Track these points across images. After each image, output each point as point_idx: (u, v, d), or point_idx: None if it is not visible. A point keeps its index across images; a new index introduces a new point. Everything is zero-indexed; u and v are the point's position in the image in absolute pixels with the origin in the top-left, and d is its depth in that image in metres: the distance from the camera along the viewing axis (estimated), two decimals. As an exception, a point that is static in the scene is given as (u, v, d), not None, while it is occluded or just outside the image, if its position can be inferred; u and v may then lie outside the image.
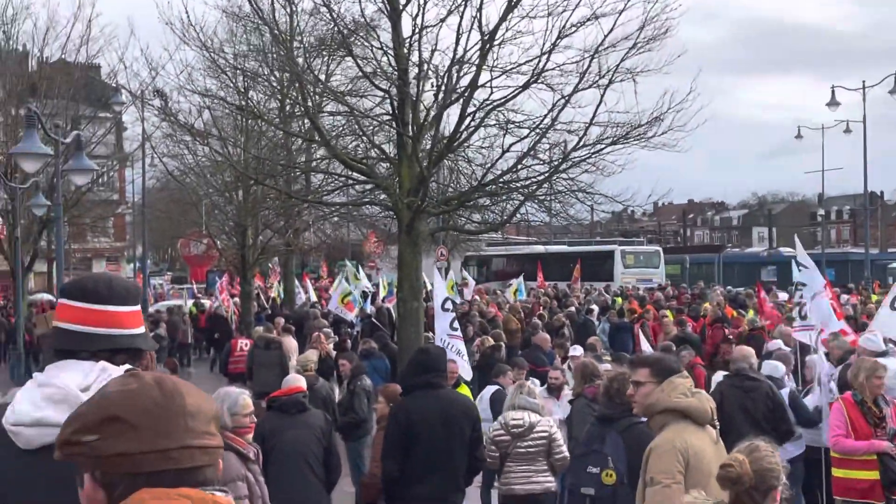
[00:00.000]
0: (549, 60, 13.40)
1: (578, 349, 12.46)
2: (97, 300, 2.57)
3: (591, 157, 13.94)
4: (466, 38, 13.46)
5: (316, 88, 15.23)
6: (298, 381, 8.09)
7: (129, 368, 2.46)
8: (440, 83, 13.89)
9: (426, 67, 13.93)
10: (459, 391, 8.73)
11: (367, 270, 33.53)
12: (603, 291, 32.87)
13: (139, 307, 2.70)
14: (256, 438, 6.51)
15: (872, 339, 10.05)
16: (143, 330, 2.66)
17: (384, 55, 14.29)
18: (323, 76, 17.26)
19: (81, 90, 31.32)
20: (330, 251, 42.19)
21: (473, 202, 15.16)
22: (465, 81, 13.85)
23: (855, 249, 56.78)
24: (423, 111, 14.15)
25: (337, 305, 22.40)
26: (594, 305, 24.98)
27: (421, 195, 13.88)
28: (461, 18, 13.41)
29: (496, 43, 13.49)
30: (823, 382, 9.37)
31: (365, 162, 15.04)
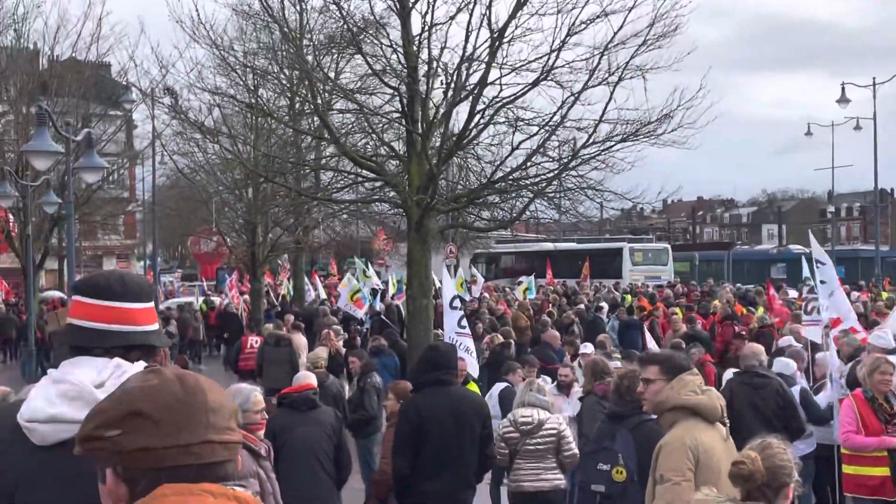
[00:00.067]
0: (558, 58, 13.42)
1: (588, 347, 12.46)
2: (110, 297, 2.58)
3: (600, 154, 13.94)
4: (476, 35, 13.48)
5: (325, 86, 15.24)
6: (309, 378, 8.10)
7: (148, 365, 2.47)
8: (449, 80, 13.90)
9: (435, 65, 13.93)
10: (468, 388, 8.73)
11: (376, 268, 33.55)
12: (612, 289, 32.81)
13: (152, 304, 2.71)
14: (267, 435, 6.53)
15: (882, 336, 10.01)
16: (156, 326, 2.67)
17: (394, 53, 14.30)
18: (332, 74, 17.25)
19: (92, 88, 31.37)
20: (339, 248, 42.21)
21: (483, 199, 15.16)
22: (474, 79, 13.87)
23: (865, 247, 56.62)
24: (432, 109, 14.15)
25: (346, 302, 22.41)
26: (603, 303, 24.93)
27: (430, 192, 13.89)
28: (470, 16, 13.44)
29: (505, 40, 13.50)
30: (835, 379, 9.35)
31: (374, 159, 15.05)
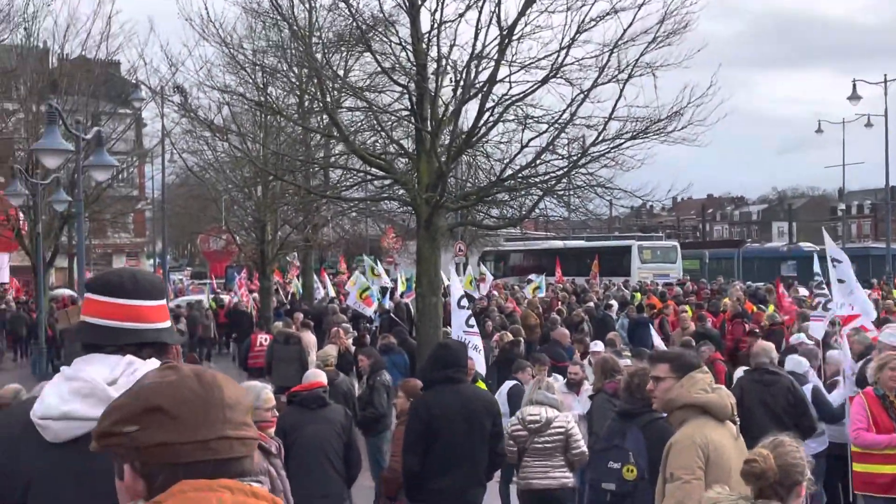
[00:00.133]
0: (567, 55, 13.41)
1: (599, 344, 12.44)
2: (122, 295, 2.58)
3: (610, 151, 13.92)
4: (485, 33, 13.48)
5: (335, 84, 15.26)
6: (319, 376, 8.09)
7: (162, 362, 2.48)
8: (459, 78, 13.90)
9: (445, 63, 13.94)
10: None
11: (384, 265, 33.55)
12: (622, 287, 32.75)
13: (164, 301, 2.71)
14: (277, 433, 6.53)
15: (893, 333, 9.95)
16: (168, 324, 2.68)
17: (403, 50, 14.30)
18: (342, 72, 17.27)
19: (101, 87, 31.46)
20: (348, 246, 42.25)
21: (492, 197, 15.15)
22: (483, 76, 13.86)
23: (876, 244, 56.33)
24: (441, 106, 14.15)
25: (356, 300, 22.40)
26: (613, 301, 24.90)
27: (439, 190, 13.89)
28: (480, 13, 13.44)
29: (515, 38, 13.49)
30: (847, 376, 9.31)
31: (383, 157, 15.06)
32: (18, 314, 30.65)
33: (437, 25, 13.57)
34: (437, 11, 13.53)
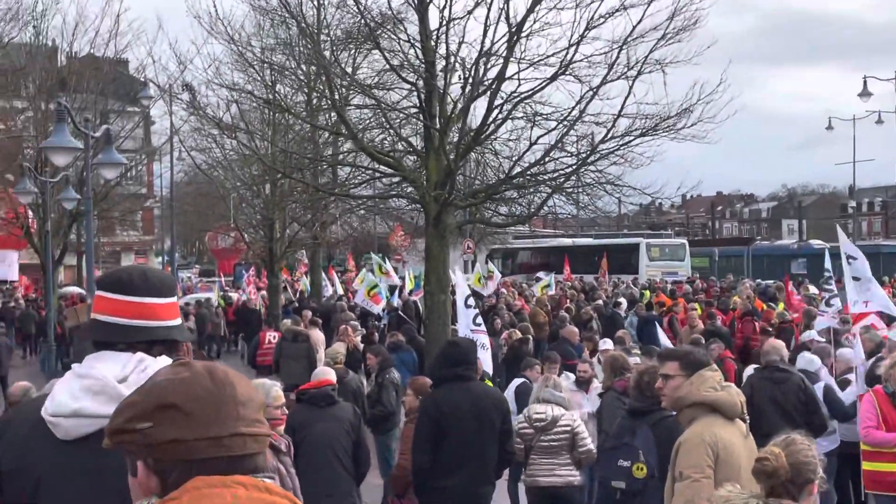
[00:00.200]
0: (577, 52, 13.37)
1: (608, 342, 12.42)
2: (133, 292, 2.58)
3: (619, 149, 13.88)
4: (494, 29, 13.45)
5: (343, 81, 15.24)
6: (328, 373, 8.08)
7: (174, 359, 2.47)
8: (467, 75, 13.86)
9: (453, 60, 13.91)
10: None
11: (392, 263, 33.57)
12: (631, 284, 32.69)
13: (175, 299, 2.71)
14: (286, 431, 6.52)
15: (904, 332, 9.93)
16: (179, 321, 2.67)
17: (411, 48, 14.29)
18: (350, 69, 17.24)
19: (110, 85, 31.55)
20: (357, 244, 42.31)
21: (500, 195, 15.13)
22: (492, 73, 13.83)
23: (887, 241, 56.19)
24: (450, 104, 14.12)
25: (363, 298, 22.42)
26: (622, 299, 24.84)
27: (448, 188, 13.87)
28: (488, 10, 13.40)
29: (524, 35, 13.45)
30: (860, 374, 9.26)
31: (392, 155, 15.05)
32: (28, 312, 30.76)
33: (445, 22, 13.54)
34: (445, 8, 13.51)
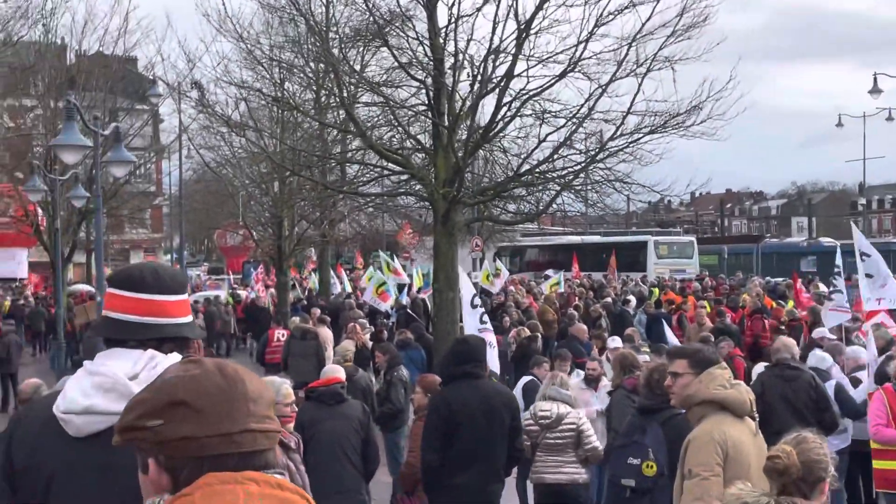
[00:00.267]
0: (585, 49, 13.33)
1: (617, 340, 12.39)
2: (144, 289, 2.58)
3: (628, 146, 13.85)
4: (502, 27, 13.44)
5: (351, 79, 15.24)
6: (337, 371, 8.09)
7: (184, 356, 2.47)
8: (476, 73, 13.85)
9: (462, 57, 13.89)
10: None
11: (401, 261, 33.60)
12: (640, 282, 32.64)
13: (186, 296, 2.71)
14: (295, 428, 6.53)
15: (915, 330, 9.89)
16: (189, 319, 2.68)
17: (420, 45, 14.27)
18: (358, 67, 17.25)
19: (119, 83, 31.62)
20: (365, 242, 42.32)
21: (509, 192, 15.11)
22: (500, 71, 13.81)
23: (896, 239, 55.90)
24: (458, 101, 14.11)
25: (372, 296, 22.45)
26: (631, 296, 24.81)
27: (456, 185, 13.87)
28: (497, 7, 13.38)
29: (532, 32, 13.43)
30: (871, 373, 9.22)
31: (400, 152, 15.05)
32: (37, 309, 30.88)
33: (454, 20, 13.53)
34: (454, 6, 13.50)
